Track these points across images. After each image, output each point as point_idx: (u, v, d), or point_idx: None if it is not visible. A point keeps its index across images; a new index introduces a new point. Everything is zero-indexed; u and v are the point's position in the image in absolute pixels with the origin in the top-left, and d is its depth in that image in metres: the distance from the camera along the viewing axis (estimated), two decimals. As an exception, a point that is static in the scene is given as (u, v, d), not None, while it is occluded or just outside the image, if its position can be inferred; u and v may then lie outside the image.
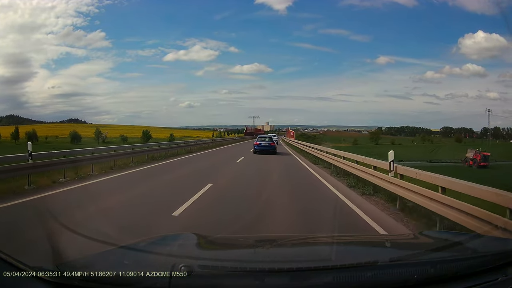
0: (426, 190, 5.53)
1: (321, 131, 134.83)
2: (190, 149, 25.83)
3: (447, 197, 4.90)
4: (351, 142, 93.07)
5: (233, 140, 56.38)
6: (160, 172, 12.99)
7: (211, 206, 7.01)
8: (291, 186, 10.34)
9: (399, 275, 1.54)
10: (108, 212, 6.19)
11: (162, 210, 6.36)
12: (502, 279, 1.56)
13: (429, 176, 5.76)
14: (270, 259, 2.04)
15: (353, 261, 1.68)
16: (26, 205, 6.75)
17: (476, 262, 1.71)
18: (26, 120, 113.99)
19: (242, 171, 14.04)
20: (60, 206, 6.80)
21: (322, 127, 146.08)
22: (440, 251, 2.01)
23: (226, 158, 21.13)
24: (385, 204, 7.36)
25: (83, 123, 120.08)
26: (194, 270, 1.44)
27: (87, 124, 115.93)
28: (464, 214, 4.40)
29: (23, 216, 6.01)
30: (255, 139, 27.83)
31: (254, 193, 8.69)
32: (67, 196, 7.94)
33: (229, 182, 10.79)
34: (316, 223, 5.77)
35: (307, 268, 1.61)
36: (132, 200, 7.49)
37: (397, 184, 6.79)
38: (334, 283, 1.48)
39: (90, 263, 1.65)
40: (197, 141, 33.64)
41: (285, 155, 24.54)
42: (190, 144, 28.49)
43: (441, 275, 1.56)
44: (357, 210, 6.78)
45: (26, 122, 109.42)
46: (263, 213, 6.48)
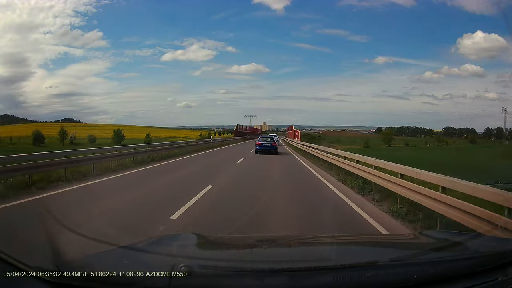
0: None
1: (321, 131, 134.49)
2: (169, 153, 20.51)
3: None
4: (359, 143, 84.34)
5: (222, 142, 43.82)
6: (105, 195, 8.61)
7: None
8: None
9: (399, 275, 1.54)
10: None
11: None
12: (502, 279, 1.56)
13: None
14: (270, 259, 2.05)
15: (353, 261, 1.68)
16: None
17: (476, 262, 1.71)
18: (20, 120, 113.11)
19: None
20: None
21: (319, 127, 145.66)
22: (440, 251, 2.01)
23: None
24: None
25: (77, 123, 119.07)
26: (194, 270, 1.44)
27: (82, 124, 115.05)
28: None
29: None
30: (256, 139, 27.08)
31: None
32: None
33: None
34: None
35: (307, 268, 1.61)
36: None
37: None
38: (334, 283, 1.48)
39: (90, 263, 1.64)
40: (172, 143, 25.08)
41: (301, 173, 14.20)
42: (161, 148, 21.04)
43: (441, 275, 1.56)
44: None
45: (20, 122, 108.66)
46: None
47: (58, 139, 69.42)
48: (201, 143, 33.08)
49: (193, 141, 34.31)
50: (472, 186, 4.53)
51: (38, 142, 64.08)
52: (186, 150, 24.40)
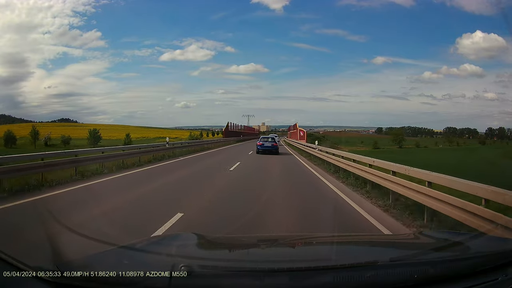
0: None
1: (321, 131, 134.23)
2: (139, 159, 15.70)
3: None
4: (367, 144, 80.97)
5: (210, 143, 34.74)
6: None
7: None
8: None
9: (399, 275, 1.54)
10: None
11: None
12: (502, 279, 1.56)
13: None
14: (270, 259, 2.04)
15: (353, 261, 1.68)
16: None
17: (476, 262, 1.71)
18: (17, 120, 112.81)
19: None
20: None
21: (318, 128, 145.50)
22: (440, 251, 2.01)
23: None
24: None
25: (74, 123, 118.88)
26: (194, 270, 1.44)
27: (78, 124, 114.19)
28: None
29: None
30: (256, 140, 26.19)
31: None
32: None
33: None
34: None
35: (307, 268, 1.61)
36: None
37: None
38: (334, 283, 1.48)
39: (90, 263, 1.64)
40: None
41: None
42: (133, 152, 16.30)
43: (441, 275, 1.56)
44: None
45: (17, 122, 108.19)
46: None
47: (31, 141, 64.36)
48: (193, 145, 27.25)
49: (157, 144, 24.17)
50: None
51: (9, 144, 60.31)
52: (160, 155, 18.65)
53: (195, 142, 34.18)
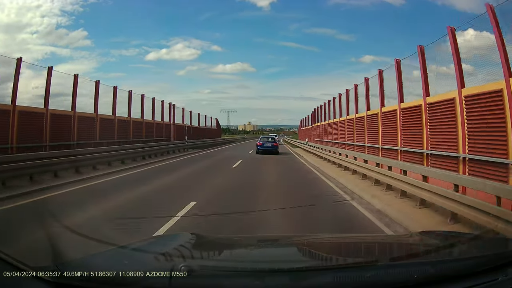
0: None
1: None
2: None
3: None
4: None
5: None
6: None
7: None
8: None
9: (399, 275, 1.54)
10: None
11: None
12: (502, 279, 1.55)
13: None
14: (270, 259, 2.04)
15: (353, 261, 1.68)
16: None
17: (476, 262, 1.71)
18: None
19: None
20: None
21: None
22: (440, 251, 2.00)
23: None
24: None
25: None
26: (194, 270, 1.43)
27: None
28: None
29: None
30: (258, 142, 23.51)
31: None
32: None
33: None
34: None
35: (307, 268, 1.61)
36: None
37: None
38: (334, 283, 1.48)
39: (90, 263, 1.64)
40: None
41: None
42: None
43: (441, 275, 1.56)
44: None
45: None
46: None
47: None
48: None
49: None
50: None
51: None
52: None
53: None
